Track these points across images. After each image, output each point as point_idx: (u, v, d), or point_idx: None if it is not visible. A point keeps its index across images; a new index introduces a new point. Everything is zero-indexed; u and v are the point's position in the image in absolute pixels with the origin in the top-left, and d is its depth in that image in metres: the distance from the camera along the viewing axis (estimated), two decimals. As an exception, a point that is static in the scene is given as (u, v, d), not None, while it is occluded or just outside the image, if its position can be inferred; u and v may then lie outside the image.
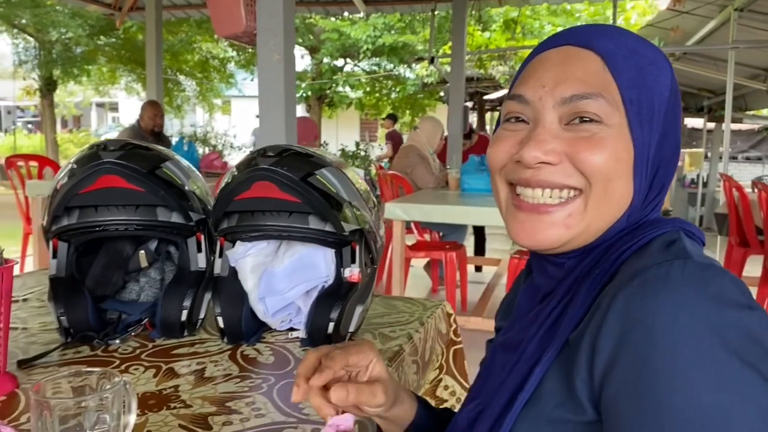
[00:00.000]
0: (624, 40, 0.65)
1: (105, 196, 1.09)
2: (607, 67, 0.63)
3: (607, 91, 0.63)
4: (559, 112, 0.64)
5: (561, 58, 0.66)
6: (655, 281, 0.54)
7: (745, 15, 5.99)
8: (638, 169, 0.64)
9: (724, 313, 0.51)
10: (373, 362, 0.74)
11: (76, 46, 13.92)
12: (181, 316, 1.16)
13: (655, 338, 0.51)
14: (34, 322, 1.27)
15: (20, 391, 0.93)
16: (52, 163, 5.27)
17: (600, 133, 0.63)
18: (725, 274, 0.55)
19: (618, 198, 0.64)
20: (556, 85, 0.64)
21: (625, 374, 0.52)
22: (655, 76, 0.65)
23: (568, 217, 0.65)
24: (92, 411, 0.67)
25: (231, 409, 0.89)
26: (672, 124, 0.66)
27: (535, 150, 0.64)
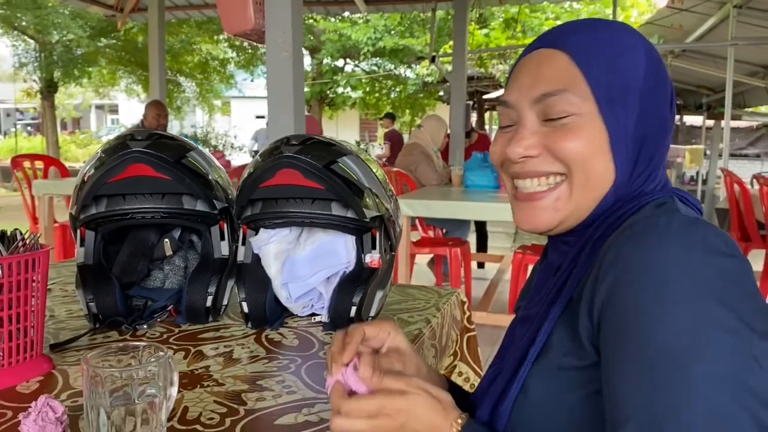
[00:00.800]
0: (593, 34, 0.72)
1: (133, 185, 1.12)
2: (574, 62, 0.71)
3: (573, 85, 0.70)
4: (535, 110, 0.73)
5: (534, 62, 0.74)
6: (644, 231, 0.61)
7: (744, 12, 6.03)
8: (616, 148, 0.70)
9: (707, 258, 0.58)
10: (391, 334, 0.81)
11: (77, 48, 13.94)
12: (206, 302, 1.19)
13: (642, 280, 0.58)
14: (61, 310, 1.30)
15: (56, 372, 0.96)
16: (58, 163, 5.29)
17: (572, 123, 0.70)
18: (710, 226, 0.61)
19: (599, 177, 0.71)
20: (530, 87, 0.73)
21: (617, 312, 0.60)
22: (626, 60, 0.71)
23: (556, 201, 0.73)
24: (138, 382, 0.70)
25: (263, 387, 0.92)
26: (652, 101, 0.71)
27: (516, 147, 0.73)
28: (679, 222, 0.61)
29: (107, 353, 0.74)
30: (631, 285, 0.59)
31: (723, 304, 0.55)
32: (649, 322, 0.56)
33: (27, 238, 0.94)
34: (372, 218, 1.16)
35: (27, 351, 0.93)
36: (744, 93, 9.37)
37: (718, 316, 0.55)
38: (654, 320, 0.56)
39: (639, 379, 0.56)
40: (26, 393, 0.88)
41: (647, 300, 0.57)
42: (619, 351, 0.58)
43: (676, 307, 0.56)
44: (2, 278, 0.87)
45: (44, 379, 0.93)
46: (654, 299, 0.57)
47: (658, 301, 0.56)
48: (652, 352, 0.55)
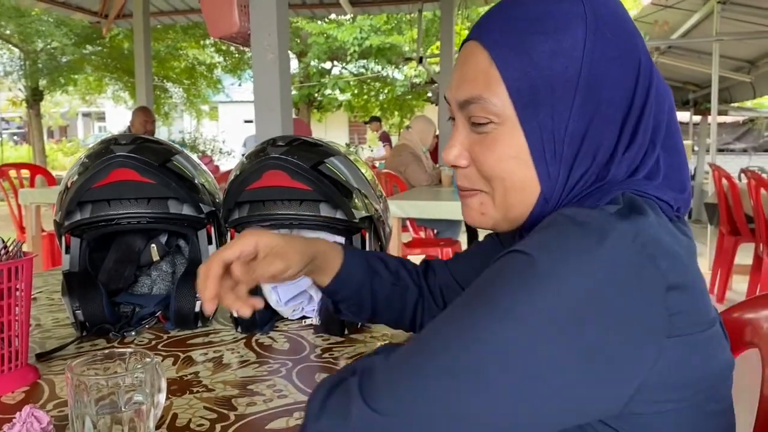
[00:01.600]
0: (513, 23, 0.63)
1: (118, 190, 1.11)
2: (491, 59, 0.63)
3: (491, 89, 0.63)
4: (463, 114, 0.68)
5: (463, 56, 0.68)
6: (541, 227, 0.58)
7: (727, 7, 6.06)
8: (538, 157, 0.63)
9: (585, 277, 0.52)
10: (258, 243, 0.79)
11: (62, 56, 13.85)
12: (194, 308, 1.17)
13: (508, 259, 0.56)
14: (47, 319, 1.28)
15: (42, 381, 0.95)
16: (44, 171, 5.25)
17: (492, 134, 0.65)
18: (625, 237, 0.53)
19: (520, 191, 0.65)
20: (456, 89, 0.68)
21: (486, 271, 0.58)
22: (556, 45, 0.61)
23: (480, 205, 0.70)
24: (125, 390, 0.69)
25: (253, 392, 0.91)
26: (600, 83, 0.62)
27: (446, 155, 0.70)
28: (569, 231, 0.55)
29: (93, 361, 0.72)
30: (501, 260, 0.57)
31: (569, 342, 0.51)
32: (487, 300, 0.54)
33: (10, 246, 0.93)
34: (361, 219, 1.15)
35: (12, 361, 0.91)
36: (730, 88, 9.43)
37: (552, 347, 0.51)
38: (491, 298, 0.54)
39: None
40: (11, 403, 0.87)
41: (499, 282, 0.55)
42: (454, 305, 0.57)
43: (516, 303, 0.52)
44: (-16, 287, 0.86)
45: (30, 389, 0.91)
46: (502, 284, 0.54)
47: (508, 286, 0.54)
48: (475, 318, 0.54)
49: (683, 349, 0.54)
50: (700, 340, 0.56)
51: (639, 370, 0.53)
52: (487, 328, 0.52)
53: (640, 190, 0.62)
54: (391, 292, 0.92)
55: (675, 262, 0.55)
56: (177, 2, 7.44)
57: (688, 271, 0.56)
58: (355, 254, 0.90)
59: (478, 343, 0.52)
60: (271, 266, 0.79)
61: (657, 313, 0.53)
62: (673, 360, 0.53)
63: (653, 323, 0.52)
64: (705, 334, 0.56)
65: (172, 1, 7.41)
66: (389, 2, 7.15)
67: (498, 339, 0.52)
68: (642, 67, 0.64)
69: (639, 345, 0.52)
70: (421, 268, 0.98)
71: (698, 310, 0.56)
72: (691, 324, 0.55)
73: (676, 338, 0.53)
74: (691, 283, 0.55)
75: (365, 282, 0.89)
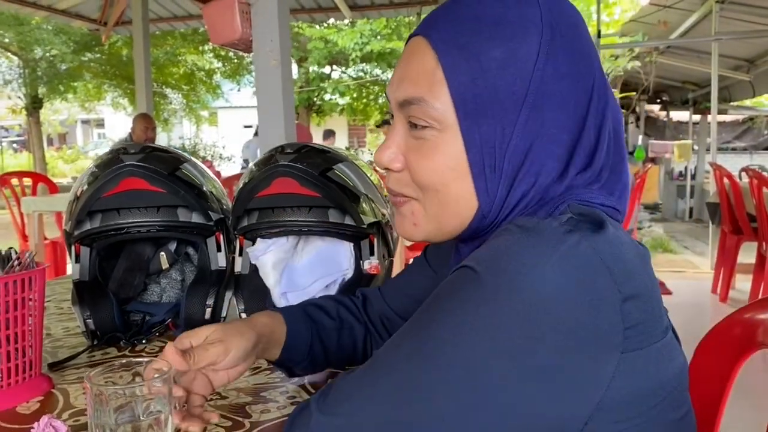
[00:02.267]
0: (467, 23, 0.59)
1: (128, 199, 1.11)
2: (438, 59, 0.59)
3: (434, 92, 0.59)
4: (402, 113, 0.64)
5: (408, 53, 0.64)
6: (496, 236, 0.55)
7: (726, 7, 6.09)
8: (477, 171, 0.59)
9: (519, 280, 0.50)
10: (188, 337, 0.76)
11: (61, 63, 13.88)
12: (204, 315, 1.18)
13: (457, 276, 0.54)
14: (57, 328, 1.28)
15: (56, 391, 0.95)
16: (46, 179, 5.26)
17: (430, 141, 0.61)
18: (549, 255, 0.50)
19: (455, 202, 0.62)
20: (397, 86, 0.64)
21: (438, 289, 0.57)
22: (504, 61, 0.57)
23: (412, 215, 0.66)
24: (143, 399, 0.69)
25: (267, 399, 0.91)
26: (549, 99, 0.58)
27: (380, 154, 0.66)
28: (522, 241, 0.52)
29: (110, 370, 0.72)
30: (454, 275, 0.55)
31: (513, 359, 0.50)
32: (439, 315, 0.53)
33: (23, 256, 0.93)
34: (369, 224, 1.15)
35: (26, 371, 0.91)
36: (729, 87, 9.45)
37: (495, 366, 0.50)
38: (442, 313, 0.53)
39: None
40: (27, 414, 0.87)
41: (449, 298, 0.54)
42: (407, 324, 0.57)
43: (464, 318, 0.51)
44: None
45: (44, 399, 0.92)
46: (454, 298, 0.53)
47: (457, 302, 0.52)
48: (423, 335, 0.53)
49: (639, 362, 0.52)
50: (654, 351, 0.54)
51: (595, 389, 0.51)
52: (435, 345, 0.52)
53: (586, 199, 0.58)
54: (339, 337, 0.91)
55: (630, 271, 0.52)
56: (176, 8, 7.45)
57: (643, 280, 0.54)
58: (295, 315, 0.88)
59: (427, 361, 0.52)
60: (207, 352, 0.73)
61: (612, 328, 0.50)
62: (629, 375, 0.52)
63: (608, 339, 0.50)
64: (659, 343, 0.54)
65: (171, 8, 7.43)
66: (387, 6, 7.17)
67: (446, 357, 0.51)
68: (596, 86, 0.60)
69: (594, 362, 0.50)
70: (359, 301, 0.97)
71: (653, 319, 0.54)
72: (647, 336, 0.53)
73: (632, 352, 0.51)
74: (646, 291, 0.53)
75: (313, 340, 0.87)
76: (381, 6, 7.18)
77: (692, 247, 7.27)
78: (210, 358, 0.73)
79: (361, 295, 0.99)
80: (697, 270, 5.83)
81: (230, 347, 0.75)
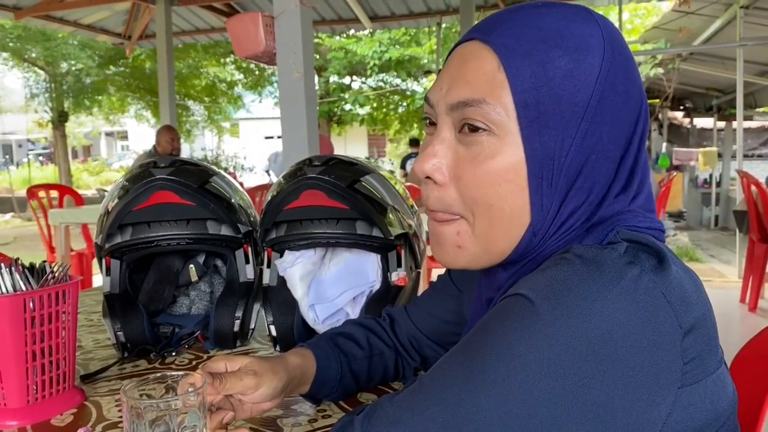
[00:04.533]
0: (531, 32, 0.57)
1: (158, 212, 1.12)
2: (501, 65, 0.56)
3: (496, 96, 0.56)
4: (452, 118, 0.60)
5: (462, 56, 0.60)
6: (550, 266, 0.52)
7: (750, 12, 6.01)
8: (534, 184, 0.57)
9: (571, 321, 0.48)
10: (224, 362, 0.76)
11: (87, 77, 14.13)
12: (233, 327, 1.18)
13: (510, 304, 0.52)
14: (87, 340, 1.29)
15: (89, 403, 0.96)
16: (72, 191, 5.34)
17: (486, 148, 0.57)
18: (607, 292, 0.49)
19: (508, 219, 0.58)
20: (449, 88, 0.60)
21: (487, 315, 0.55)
22: (569, 71, 0.56)
23: (456, 236, 0.61)
24: (177, 412, 0.69)
25: (297, 412, 0.91)
26: (605, 117, 0.57)
27: (422, 163, 0.61)
28: (578, 275, 0.50)
29: (144, 383, 0.73)
30: (504, 303, 0.53)
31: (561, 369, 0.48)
32: (491, 344, 0.51)
33: (56, 270, 0.94)
34: (397, 236, 1.15)
35: (59, 383, 0.92)
36: (754, 93, 9.32)
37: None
38: (494, 345, 0.51)
39: None
40: (61, 426, 0.88)
41: (500, 326, 0.51)
42: (453, 351, 0.55)
43: (519, 348, 0.49)
44: (33, 311, 0.87)
45: (78, 412, 0.93)
46: (499, 329, 0.51)
47: (504, 332, 0.50)
48: (473, 365, 0.51)
49: (696, 396, 0.51)
50: (710, 383, 0.52)
51: (652, 427, 0.49)
52: (486, 376, 0.50)
53: (633, 224, 0.57)
54: (369, 365, 0.92)
55: (690, 302, 0.51)
56: (198, 22, 7.56)
57: (700, 308, 0.52)
58: (325, 350, 0.88)
59: (478, 392, 0.50)
60: (241, 381, 0.74)
61: (672, 363, 0.49)
62: (686, 410, 0.50)
63: (667, 374, 0.49)
64: (714, 375, 0.53)
65: (194, 21, 7.54)
66: (408, 17, 7.20)
67: (498, 388, 0.49)
68: (642, 107, 0.60)
69: (651, 400, 0.48)
70: (387, 323, 0.97)
71: (709, 350, 0.52)
72: (703, 369, 0.51)
73: (689, 387, 0.50)
74: (703, 320, 0.52)
75: (343, 372, 0.88)
76: (401, 17, 7.21)
77: (718, 255, 7.16)
78: (240, 387, 0.74)
79: (387, 316, 0.99)
80: (724, 279, 5.74)
81: (262, 383, 0.75)
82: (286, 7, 2.59)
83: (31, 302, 0.87)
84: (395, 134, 17.70)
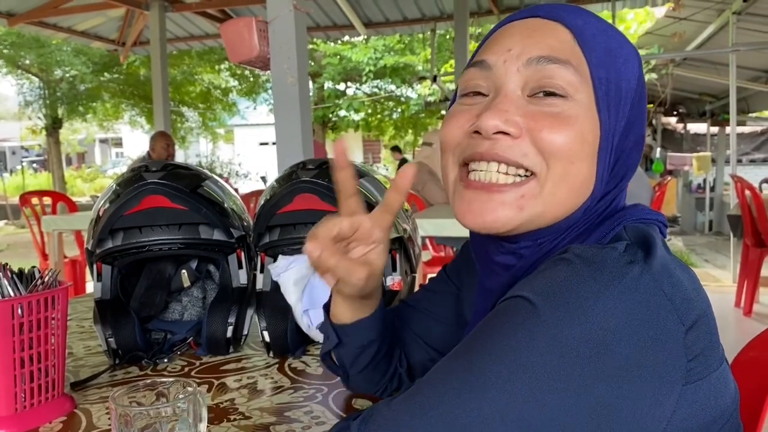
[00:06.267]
0: (593, 20, 0.62)
1: (150, 217, 1.11)
2: (576, 40, 0.59)
3: (576, 63, 0.59)
4: (524, 77, 0.60)
5: (529, 27, 0.62)
6: (589, 261, 0.51)
7: (743, 18, 6.04)
8: (602, 155, 0.59)
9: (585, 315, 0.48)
10: (374, 246, 0.73)
11: (81, 84, 14.11)
12: (226, 333, 1.17)
13: (511, 305, 0.52)
14: (78, 347, 1.28)
15: (79, 411, 0.94)
16: (65, 198, 5.32)
17: (566, 111, 0.58)
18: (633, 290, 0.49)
19: (580, 183, 0.59)
20: (524, 48, 0.60)
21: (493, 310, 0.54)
22: (624, 61, 0.61)
23: (521, 198, 0.59)
24: (167, 420, 0.68)
25: (291, 419, 0.90)
26: (638, 114, 0.62)
27: (494, 118, 0.58)
28: (642, 277, 0.49)
29: (134, 390, 0.71)
30: (508, 301, 0.52)
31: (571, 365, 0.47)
32: (492, 340, 0.50)
33: (45, 275, 0.93)
34: (392, 240, 1.14)
35: (49, 391, 0.91)
36: (747, 98, 9.38)
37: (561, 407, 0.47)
38: (495, 342, 0.50)
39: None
40: (50, 435, 0.86)
41: (505, 321, 0.50)
42: (458, 348, 0.54)
43: (524, 350, 0.48)
44: (22, 317, 0.86)
45: (67, 420, 0.91)
46: (503, 327, 0.50)
47: (511, 329, 0.49)
48: (474, 361, 0.51)
49: (700, 393, 0.51)
50: (714, 379, 0.52)
51: (657, 426, 0.49)
52: (488, 378, 0.49)
53: (641, 217, 0.59)
54: (390, 350, 0.88)
55: (689, 297, 0.51)
56: (192, 28, 7.55)
57: (700, 303, 0.52)
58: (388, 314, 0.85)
59: (480, 394, 0.49)
60: (351, 276, 0.71)
61: (676, 360, 0.49)
62: (690, 406, 0.50)
63: (671, 372, 0.48)
64: (717, 372, 0.53)
65: (188, 27, 7.53)
66: (402, 23, 7.22)
67: (500, 391, 0.48)
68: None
69: (656, 398, 0.48)
70: None
71: (712, 346, 0.52)
72: (707, 366, 0.51)
73: (693, 384, 0.50)
74: (704, 314, 0.52)
75: (385, 337, 0.84)
76: (395, 23, 7.22)
77: (713, 260, 7.17)
78: (348, 276, 0.70)
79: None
80: (719, 283, 5.74)
81: (362, 289, 0.74)
82: (279, 12, 2.59)
83: (20, 308, 0.85)
84: (390, 140, 17.73)
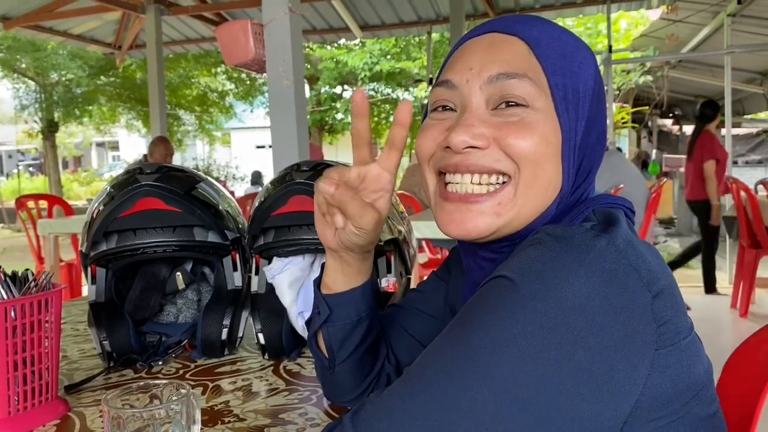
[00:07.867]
0: (547, 28, 0.66)
1: (144, 219, 1.11)
2: (532, 51, 0.64)
3: (533, 74, 0.63)
4: (486, 93, 0.64)
5: (487, 43, 0.66)
6: (556, 236, 0.55)
7: (738, 20, 6.07)
8: (566, 154, 0.64)
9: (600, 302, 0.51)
10: (381, 195, 0.72)
11: (77, 87, 14.08)
12: (221, 335, 1.17)
13: (492, 285, 0.55)
14: (73, 350, 1.27)
15: (73, 414, 0.94)
16: (61, 202, 5.30)
17: (527, 117, 0.63)
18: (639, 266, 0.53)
19: (548, 183, 0.64)
20: (483, 66, 0.64)
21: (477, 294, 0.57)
22: (580, 63, 0.65)
23: (498, 206, 0.64)
24: (161, 422, 0.68)
25: (285, 420, 0.89)
26: (598, 112, 0.66)
27: (462, 134, 0.63)
28: (609, 248, 0.53)
29: (127, 392, 0.71)
30: (495, 280, 0.55)
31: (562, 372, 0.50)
32: (479, 321, 0.53)
33: (39, 278, 0.92)
34: (386, 241, 1.14)
35: (42, 394, 0.90)
36: (742, 100, 9.41)
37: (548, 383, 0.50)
38: (482, 321, 0.53)
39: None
40: (43, 438, 0.86)
41: (489, 302, 0.54)
42: (445, 332, 0.56)
43: (507, 326, 0.51)
44: (15, 320, 0.85)
45: (61, 423, 0.91)
46: (491, 306, 0.53)
47: (496, 309, 0.53)
48: (463, 347, 0.53)
49: (672, 358, 0.54)
50: (684, 347, 0.55)
51: (634, 388, 0.52)
52: (473, 357, 0.52)
53: (611, 202, 0.65)
54: (375, 340, 0.86)
55: (653, 269, 0.54)
56: (188, 31, 7.55)
57: (665, 275, 0.55)
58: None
59: (468, 369, 0.52)
60: (362, 218, 0.69)
61: (646, 326, 0.52)
62: (663, 372, 0.53)
63: (643, 338, 0.52)
64: (687, 340, 0.56)
65: (184, 31, 7.53)
66: (398, 26, 7.22)
67: (487, 364, 0.51)
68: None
69: (630, 361, 0.51)
70: None
71: (679, 315, 0.55)
72: (677, 332, 0.55)
73: (664, 349, 0.53)
74: (668, 285, 0.55)
75: (371, 317, 0.83)
76: (391, 26, 7.22)
77: (709, 261, 7.16)
78: (357, 216, 0.69)
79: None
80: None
81: (367, 239, 0.75)
82: (275, 15, 2.59)
83: (13, 311, 0.85)
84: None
